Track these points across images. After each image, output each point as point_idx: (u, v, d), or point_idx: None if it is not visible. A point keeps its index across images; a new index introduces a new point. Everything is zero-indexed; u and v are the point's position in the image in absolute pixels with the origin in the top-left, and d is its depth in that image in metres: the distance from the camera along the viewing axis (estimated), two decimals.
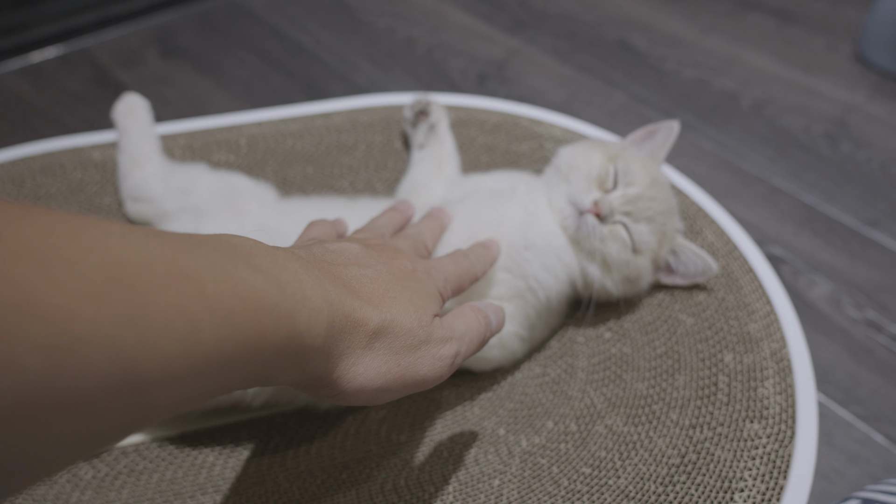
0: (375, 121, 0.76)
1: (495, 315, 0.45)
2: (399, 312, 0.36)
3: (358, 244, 0.41)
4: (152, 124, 0.70)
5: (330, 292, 0.33)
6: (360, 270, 0.37)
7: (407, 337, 0.36)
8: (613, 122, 0.99)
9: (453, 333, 0.39)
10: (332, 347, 0.33)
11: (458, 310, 0.43)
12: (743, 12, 1.25)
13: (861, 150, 0.97)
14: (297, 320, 0.30)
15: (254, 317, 0.27)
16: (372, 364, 0.35)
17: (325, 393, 0.35)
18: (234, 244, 0.30)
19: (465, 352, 0.40)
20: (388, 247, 0.43)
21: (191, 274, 0.25)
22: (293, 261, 0.33)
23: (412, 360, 0.36)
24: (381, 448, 0.53)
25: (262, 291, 0.28)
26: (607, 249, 0.55)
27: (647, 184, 0.57)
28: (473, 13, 1.22)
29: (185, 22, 1.16)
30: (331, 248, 0.39)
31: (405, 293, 0.38)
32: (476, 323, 0.42)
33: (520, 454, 0.52)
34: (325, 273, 0.34)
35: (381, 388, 0.35)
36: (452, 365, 0.39)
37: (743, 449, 0.50)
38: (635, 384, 0.56)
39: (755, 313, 0.59)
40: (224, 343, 0.26)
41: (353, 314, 0.34)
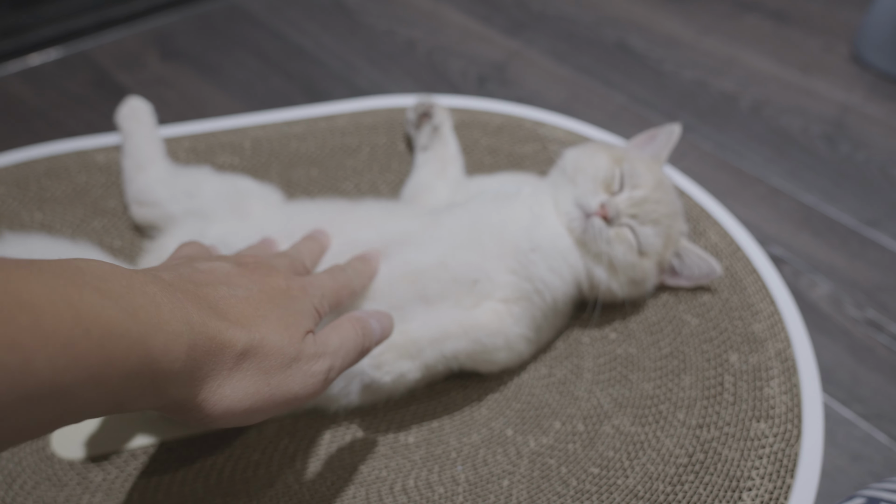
0: (379, 123, 0.76)
1: (379, 322, 0.45)
2: (268, 332, 0.36)
3: (230, 263, 0.41)
4: (156, 128, 0.70)
5: (192, 315, 0.32)
6: (229, 290, 0.37)
7: (276, 356, 0.36)
8: (613, 123, 0.99)
9: (326, 349, 0.39)
10: (194, 371, 0.32)
11: (336, 322, 0.42)
12: (740, 13, 1.26)
13: (859, 150, 0.98)
14: (150, 345, 0.29)
15: (99, 343, 0.27)
16: (239, 385, 0.34)
17: (192, 416, 0.34)
18: (83, 269, 0.30)
19: (339, 365, 0.40)
20: (261, 265, 0.42)
21: (25, 304, 0.25)
22: (152, 284, 0.32)
23: (282, 378, 0.36)
24: (390, 449, 0.53)
25: (109, 318, 0.28)
26: (614, 252, 0.56)
27: (652, 186, 0.57)
28: (472, 15, 1.22)
29: (184, 24, 1.16)
30: (200, 268, 0.39)
31: (276, 311, 0.38)
32: (353, 334, 0.42)
33: (528, 454, 0.53)
34: (188, 295, 0.34)
35: (251, 409, 0.35)
36: (326, 380, 0.39)
37: (750, 448, 0.51)
38: (642, 384, 0.56)
39: (759, 314, 0.59)
40: (62, 373, 0.25)
41: (218, 336, 0.33)
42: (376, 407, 0.56)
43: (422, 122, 0.72)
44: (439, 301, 0.54)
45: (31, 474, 0.51)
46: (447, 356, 0.52)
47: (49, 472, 0.51)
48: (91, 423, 0.54)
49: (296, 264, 0.48)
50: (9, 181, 0.67)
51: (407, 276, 0.53)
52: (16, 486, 0.50)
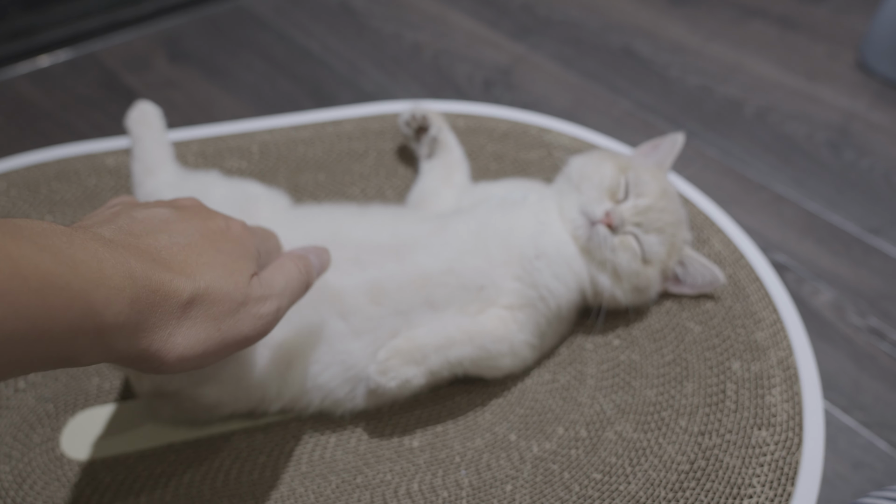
0: (386, 128, 0.77)
1: (318, 257, 0.46)
2: (213, 278, 0.36)
3: (168, 208, 0.40)
4: (165, 132, 0.70)
5: (135, 268, 0.33)
6: (169, 238, 0.37)
7: (224, 302, 0.36)
8: (618, 129, 1.00)
9: (272, 290, 0.40)
10: (140, 322, 0.33)
11: (278, 262, 0.43)
12: (746, 20, 1.26)
13: (864, 158, 0.98)
14: (92, 299, 0.30)
15: (39, 296, 0.27)
16: (190, 332, 0.35)
17: (147, 366, 0.35)
18: (22, 226, 0.30)
19: (286, 304, 0.41)
20: (201, 208, 0.42)
21: None
22: (92, 240, 0.32)
23: (232, 322, 0.37)
24: (394, 453, 0.54)
25: (48, 271, 0.28)
26: (618, 259, 0.56)
27: (657, 195, 0.58)
28: (479, 19, 1.23)
29: (192, 27, 1.17)
30: (138, 217, 0.38)
31: (219, 257, 0.38)
32: (296, 272, 0.43)
33: (531, 459, 0.53)
34: (129, 249, 0.34)
35: (205, 354, 0.36)
36: (275, 319, 0.40)
37: (751, 456, 0.51)
38: (644, 391, 0.57)
39: (762, 322, 0.60)
40: (2, 321, 0.26)
41: (163, 287, 0.33)
42: (381, 411, 0.57)
43: (419, 135, 0.72)
44: (445, 306, 0.54)
45: (41, 474, 0.52)
46: (452, 362, 0.53)
47: (59, 473, 0.52)
48: (100, 425, 0.55)
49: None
50: (20, 184, 0.68)
51: (415, 281, 0.54)
52: (26, 485, 0.51)
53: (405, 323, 0.54)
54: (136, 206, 0.40)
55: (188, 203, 0.42)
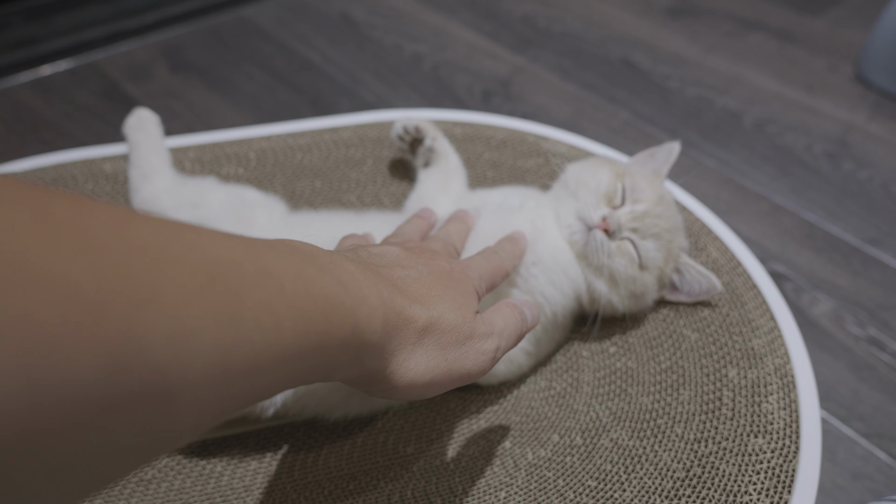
0: (383, 136, 0.77)
1: (530, 311, 0.46)
2: (444, 310, 0.38)
3: (397, 247, 0.43)
4: (162, 138, 0.71)
5: (383, 291, 0.34)
6: (403, 271, 0.39)
7: (452, 333, 0.38)
8: (617, 140, 1.00)
9: (493, 329, 0.41)
10: (386, 343, 0.34)
11: (496, 306, 0.44)
12: (744, 32, 1.27)
13: (862, 169, 0.98)
14: (358, 317, 0.31)
15: (324, 313, 0.29)
16: (422, 359, 0.36)
17: (379, 388, 0.36)
18: (298, 247, 0.32)
19: (504, 346, 0.42)
20: (425, 249, 0.44)
21: (272, 273, 0.27)
22: (349, 262, 0.34)
23: (458, 354, 0.38)
24: (388, 459, 0.54)
25: (329, 290, 0.30)
26: (615, 265, 0.56)
27: (654, 201, 0.58)
28: (479, 31, 1.24)
29: (193, 37, 1.18)
30: (374, 252, 0.41)
31: (447, 292, 0.40)
32: (513, 318, 0.43)
33: (525, 467, 0.53)
34: (374, 273, 0.36)
35: (430, 383, 0.37)
36: (494, 359, 0.40)
37: (748, 463, 0.51)
38: (640, 398, 0.56)
39: (759, 329, 0.59)
40: (301, 337, 0.27)
41: (404, 311, 0.35)
42: (375, 417, 0.56)
43: (415, 146, 0.71)
44: None
45: None
46: None
47: None
48: None
49: (448, 247, 0.50)
50: None
51: None
52: None
53: None
54: (369, 246, 0.43)
55: (413, 245, 0.45)
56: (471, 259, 0.47)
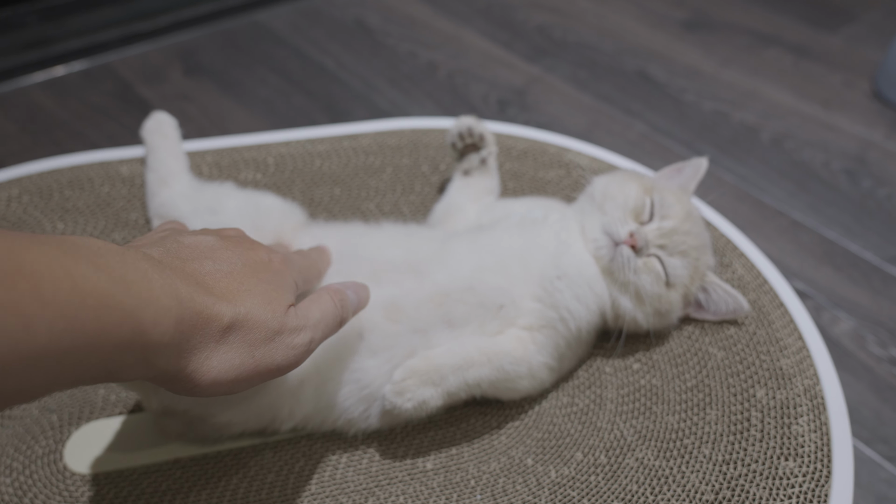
0: (403, 144, 0.76)
1: (356, 293, 0.46)
2: (252, 305, 0.37)
3: (214, 236, 0.42)
4: (180, 142, 0.70)
5: (181, 290, 0.34)
6: (214, 265, 0.39)
7: (260, 329, 0.37)
8: (633, 152, 0.99)
9: (307, 321, 0.41)
10: (182, 343, 0.34)
11: (314, 295, 0.44)
12: (761, 47, 1.26)
13: (881, 187, 0.97)
14: (142, 317, 0.31)
15: (95, 313, 0.28)
16: (225, 357, 0.36)
17: (181, 387, 0.36)
18: (80, 244, 0.31)
19: (319, 337, 0.42)
20: (244, 239, 0.44)
21: (27, 271, 0.26)
22: (143, 261, 0.33)
23: (266, 350, 0.38)
24: (407, 475, 0.52)
25: (104, 289, 0.29)
26: (641, 282, 0.55)
27: (682, 217, 0.57)
28: (494, 40, 1.23)
29: (208, 40, 1.17)
30: (185, 242, 0.40)
31: (260, 286, 0.39)
32: (332, 306, 0.43)
33: (549, 485, 0.52)
34: (176, 271, 0.35)
35: (237, 380, 0.37)
36: (307, 351, 0.40)
37: (779, 487, 0.49)
38: (666, 417, 0.55)
39: (787, 349, 0.58)
40: (60, 337, 0.27)
41: (205, 311, 0.35)
42: (394, 431, 0.55)
43: (466, 151, 0.69)
44: (464, 325, 0.53)
45: (42, 488, 0.50)
46: (470, 383, 0.51)
47: (61, 487, 0.50)
48: (106, 438, 0.53)
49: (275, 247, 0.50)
50: (32, 190, 0.67)
51: (433, 298, 0.52)
52: (27, 499, 0.49)
53: (422, 341, 0.52)
54: (184, 233, 0.42)
55: (233, 233, 0.44)
56: (289, 253, 0.48)
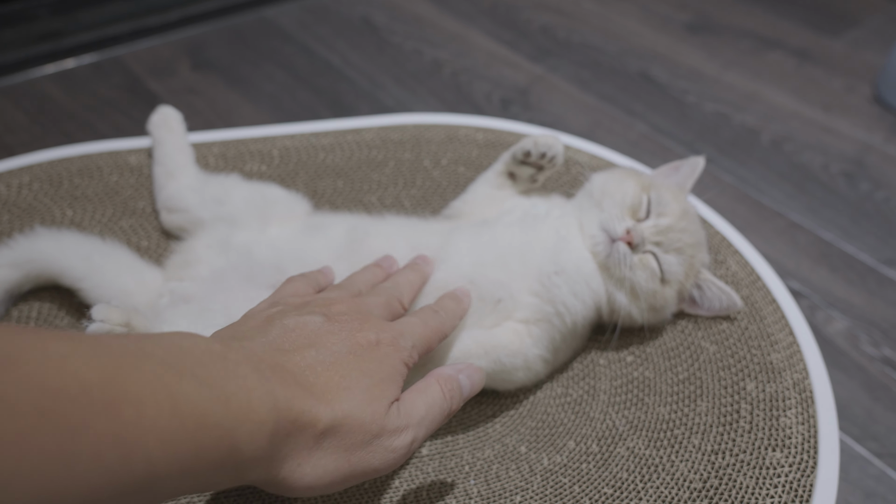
0: (405, 139, 0.77)
1: (469, 378, 0.44)
2: (352, 407, 0.36)
3: (321, 317, 0.40)
4: (186, 136, 0.71)
5: (279, 397, 0.33)
6: (316, 355, 0.37)
7: (358, 433, 0.36)
8: (634, 152, 1.00)
9: (410, 420, 0.38)
10: (274, 453, 0.33)
11: (423, 383, 0.42)
12: (763, 50, 1.27)
13: (879, 190, 0.98)
14: (238, 435, 0.30)
15: (193, 435, 0.28)
16: (320, 463, 0.35)
17: (274, 490, 0.35)
18: (186, 350, 0.30)
19: (423, 434, 0.39)
20: (354, 317, 0.42)
21: (130, 396, 0.25)
22: (244, 364, 0.33)
23: (363, 454, 0.36)
24: None
25: (204, 408, 0.29)
26: (636, 278, 0.56)
27: (678, 215, 0.58)
28: (499, 39, 1.24)
29: (216, 35, 1.19)
30: (290, 326, 0.39)
31: (362, 380, 0.37)
32: (440, 398, 0.41)
33: (541, 472, 0.53)
34: (276, 371, 0.34)
35: (331, 483, 0.36)
36: (408, 453, 0.38)
37: (765, 477, 0.51)
38: (657, 408, 0.56)
39: (778, 343, 0.59)
40: (156, 464, 0.26)
41: (302, 417, 0.33)
42: None
43: (525, 166, 0.64)
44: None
45: None
46: None
47: None
48: None
49: (391, 303, 0.47)
50: (42, 177, 0.68)
51: (432, 292, 0.54)
52: None
53: None
54: (290, 312, 0.40)
55: (342, 309, 0.42)
56: (406, 323, 0.45)
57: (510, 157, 0.64)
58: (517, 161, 0.64)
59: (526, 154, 0.63)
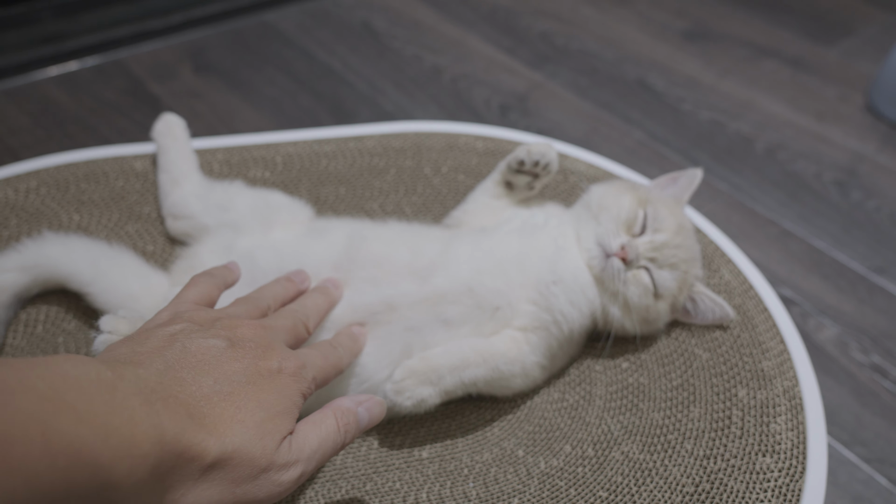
0: (407, 146, 0.79)
1: (369, 412, 0.44)
2: (244, 441, 0.35)
3: (224, 341, 0.40)
4: (189, 143, 0.72)
5: (167, 429, 0.32)
6: (213, 385, 0.37)
7: (246, 467, 0.35)
8: (631, 159, 1.02)
9: (301, 455, 0.38)
10: (155, 485, 0.32)
11: (320, 415, 0.42)
12: (759, 59, 1.29)
13: (871, 199, 1.00)
14: (116, 470, 0.29)
15: (64, 474, 0.27)
16: (203, 494, 0.34)
17: None
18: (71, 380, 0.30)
19: (312, 469, 0.39)
20: (258, 344, 0.42)
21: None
22: (134, 396, 0.32)
23: (249, 487, 0.36)
24: (404, 462, 0.55)
25: (80, 444, 0.28)
26: (629, 293, 0.57)
27: (673, 230, 0.59)
28: (498, 46, 1.26)
29: (217, 39, 1.20)
30: (191, 350, 0.38)
31: (258, 413, 0.37)
32: (333, 432, 0.41)
33: (538, 475, 0.54)
34: (168, 402, 0.34)
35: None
36: (294, 487, 0.39)
37: (755, 481, 0.52)
38: (651, 414, 0.58)
39: (769, 351, 0.61)
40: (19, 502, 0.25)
41: (189, 450, 0.33)
42: (392, 422, 0.58)
43: (520, 175, 0.66)
44: (460, 325, 0.55)
45: None
46: (466, 383, 0.54)
47: None
48: None
49: (297, 327, 0.48)
50: (49, 182, 0.69)
51: (429, 298, 0.55)
52: None
53: (417, 338, 0.55)
54: (195, 333, 0.40)
55: (247, 335, 0.42)
56: (308, 354, 0.45)
57: (505, 167, 0.66)
58: (512, 170, 0.65)
59: (520, 163, 0.64)
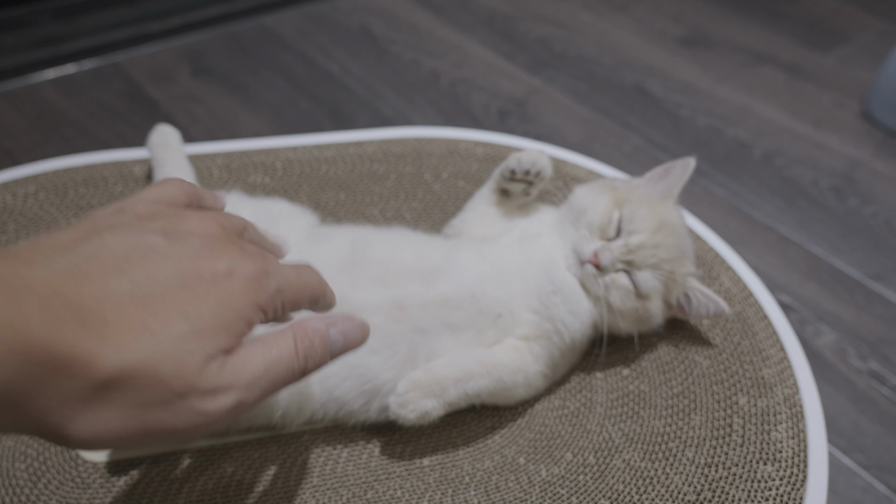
0: (406, 152, 0.79)
1: (344, 335, 0.37)
2: (150, 356, 0.29)
3: (160, 236, 0.32)
4: (184, 152, 0.71)
5: (32, 334, 0.26)
6: (129, 287, 0.29)
7: (155, 389, 0.29)
8: (629, 164, 1.02)
9: (237, 380, 0.31)
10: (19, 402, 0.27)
11: (274, 335, 0.34)
12: (756, 65, 1.29)
13: (867, 205, 1.00)
14: None
15: None
16: (99, 418, 0.28)
17: (56, 443, 0.30)
18: None
19: (256, 398, 0.32)
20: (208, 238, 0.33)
21: None
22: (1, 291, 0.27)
23: (161, 414, 0.29)
24: (405, 470, 0.55)
25: None
26: (610, 297, 0.57)
27: (652, 230, 0.58)
28: (496, 51, 1.26)
29: (216, 43, 1.19)
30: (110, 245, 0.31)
31: (179, 324, 0.30)
32: (288, 357, 0.33)
33: (540, 483, 0.54)
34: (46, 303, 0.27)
35: (117, 440, 0.29)
36: (228, 417, 0.31)
37: (757, 490, 0.52)
38: (652, 421, 0.58)
39: (769, 359, 0.61)
40: None
41: (72, 361, 0.27)
42: (393, 428, 0.58)
43: (514, 183, 0.66)
44: (463, 330, 0.55)
45: (55, 474, 0.52)
46: (470, 394, 0.54)
47: (74, 473, 0.52)
48: None
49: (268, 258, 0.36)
50: (48, 187, 0.69)
51: (436, 301, 0.55)
52: (41, 484, 0.52)
53: (423, 340, 0.55)
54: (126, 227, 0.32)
55: (195, 228, 0.34)
56: (277, 263, 0.36)
57: (499, 175, 0.66)
58: (506, 178, 0.65)
59: (511, 172, 0.64)
